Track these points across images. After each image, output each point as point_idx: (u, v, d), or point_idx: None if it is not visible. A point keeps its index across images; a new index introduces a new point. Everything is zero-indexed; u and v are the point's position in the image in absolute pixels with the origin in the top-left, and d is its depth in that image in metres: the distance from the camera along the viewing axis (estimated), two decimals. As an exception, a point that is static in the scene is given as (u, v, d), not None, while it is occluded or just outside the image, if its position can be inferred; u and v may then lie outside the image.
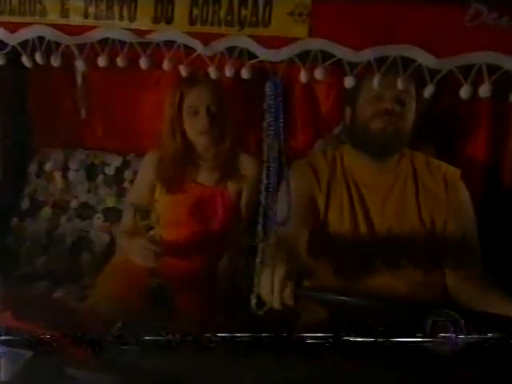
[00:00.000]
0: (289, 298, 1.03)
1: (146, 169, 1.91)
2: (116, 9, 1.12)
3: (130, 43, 1.13)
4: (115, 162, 2.19)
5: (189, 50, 1.11)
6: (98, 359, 1.02)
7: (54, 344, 1.05)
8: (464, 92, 0.95)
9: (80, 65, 1.19)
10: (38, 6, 1.16)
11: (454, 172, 1.56)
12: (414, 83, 1.42)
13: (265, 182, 0.97)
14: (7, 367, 1.01)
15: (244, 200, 1.84)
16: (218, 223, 1.82)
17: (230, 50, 1.08)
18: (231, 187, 1.82)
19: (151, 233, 1.55)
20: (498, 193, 1.79)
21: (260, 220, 0.98)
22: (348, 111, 1.58)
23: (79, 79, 2.16)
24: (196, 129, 1.75)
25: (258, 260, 1.04)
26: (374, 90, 1.42)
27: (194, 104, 1.73)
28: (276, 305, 1.04)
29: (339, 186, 1.55)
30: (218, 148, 1.82)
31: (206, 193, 1.82)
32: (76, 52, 1.16)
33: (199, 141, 1.79)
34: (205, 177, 1.84)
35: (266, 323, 1.25)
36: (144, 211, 1.57)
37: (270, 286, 1.03)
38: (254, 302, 1.05)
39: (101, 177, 2.20)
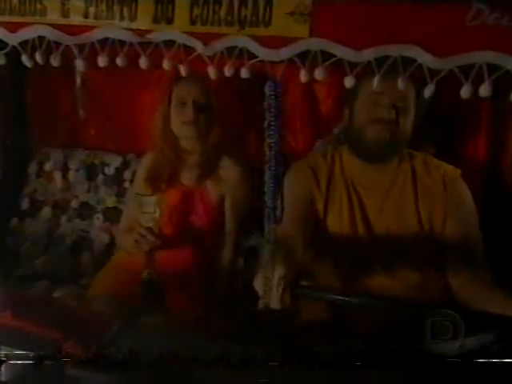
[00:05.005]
0: (285, 297, 1.03)
1: (140, 169, 1.92)
2: (116, 9, 1.12)
3: (131, 43, 1.13)
4: (115, 162, 2.19)
5: (189, 49, 1.11)
6: (98, 359, 1.02)
7: (54, 344, 1.05)
8: (464, 92, 0.95)
9: (80, 65, 1.19)
10: (39, 6, 1.16)
11: (453, 171, 1.55)
12: (413, 87, 1.41)
13: (267, 182, 0.96)
14: (7, 367, 1.00)
15: (228, 203, 1.82)
16: (201, 223, 1.81)
17: (230, 49, 1.08)
18: (210, 187, 1.80)
19: (151, 224, 1.56)
20: (498, 193, 1.79)
21: (266, 222, 0.98)
22: (346, 112, 1.57)
23: (79, 79, 2.16)
24: (181, 119, 1.75)
25: (263, 262, 1.04)
26: (371, 94, 1.42)
27: (182, 94, 1.75)
28: (274, 304, 1.04)
29: (338, 187, 1.54)
30: (201, 144, 1.81)
31: (187, 193, 1.80)
32: (76, 52, 1.16)
33: (183, 132, 1.78)
34: (187, 176, 1.83)
35: (264, 322, 1.25)
36: (147, 202, 1.58)
37: (268, 286, 1.04)
38: (262, 302, 1.05)
39: (101, 177, 2.19)
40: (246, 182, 1.81)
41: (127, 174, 2.17)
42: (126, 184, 2.16)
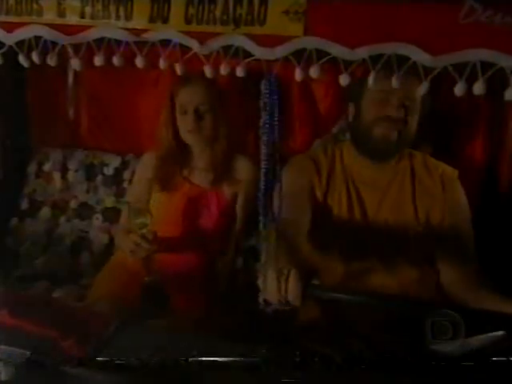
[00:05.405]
0: (296, 298, 1.03)
1: (142, 168, 1.93)
2: (112, 8, 1.12)
3: (127, 42, 1.13)
4: (114, 162, 2.19)
5: (185, 48, 1.11)
6: (98, 359, 1.03)
7: (54, 344, 1.05)
8: (458, 89, 0.95)
9: (77, 64, 1.19)
10: (35, 6, 1.16)
11: (451, 172, 1.57)
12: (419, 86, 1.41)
13: (262, 180, 0.97)
14: (7, 367, 1.01)
15: (240, 202, 1.83)
16: (213, 224, 1.82)
17: (226, 48, 1.08)
18: (226, 189, 1.82)
19: (144, 230, 1.56)
20: (494, 192, 1.79)
21: (261, 219, 0.98)
22: (351, 108, 1.57)
23: (77, 79, 2.16)
24: (185, 127, 1.77)
25: (262, 260, 1.04)
26: (379, 92, 1.43)
27: (183, 103, 1.75)
28: (273, 297, 1.04)
29: (338, 182, 1.56)
30: (212, 148, 1.82)
31: (200, 194, 1.81)
32: (72, 52, 1.16)
33: (188, 139, 1.80)
34: (200, 178, 1.84)
35: (264, 321, 1.25)
36: (138, 210, 1.58)
37: (277, 286, 1.03)
38: (261, 300, 1.05)
39: (100, 177, 2.20)
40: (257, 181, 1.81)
41: (126, 175, 2.17)
42: (125, 184, 2.16)
